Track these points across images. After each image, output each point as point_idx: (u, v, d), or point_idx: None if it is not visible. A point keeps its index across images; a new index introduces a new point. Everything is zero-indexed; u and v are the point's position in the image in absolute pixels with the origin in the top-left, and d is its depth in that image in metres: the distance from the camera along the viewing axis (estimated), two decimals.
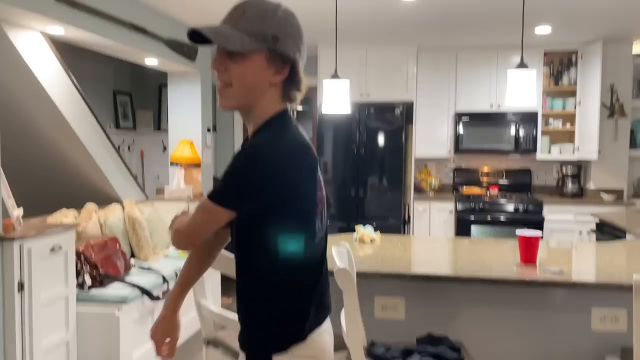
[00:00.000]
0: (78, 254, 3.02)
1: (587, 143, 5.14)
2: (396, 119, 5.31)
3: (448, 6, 3.97)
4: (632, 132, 5.39)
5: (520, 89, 2.36)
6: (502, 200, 5.15)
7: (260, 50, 1.16)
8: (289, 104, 1.23)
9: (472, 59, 5.39)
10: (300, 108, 6.59)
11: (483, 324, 2.24)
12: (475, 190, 5.45)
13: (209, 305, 1.97)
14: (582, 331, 2.15)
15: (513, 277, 2.00)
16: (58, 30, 3.27)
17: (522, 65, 2.45)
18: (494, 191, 5.47)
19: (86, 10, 3.25)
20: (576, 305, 2.16)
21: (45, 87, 3.45)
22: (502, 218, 5.08)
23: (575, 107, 5.27)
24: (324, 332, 1.22)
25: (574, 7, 3.98)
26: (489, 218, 5.10)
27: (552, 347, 2.18)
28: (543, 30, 4.66)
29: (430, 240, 3.58)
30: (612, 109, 5.14)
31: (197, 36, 1.15)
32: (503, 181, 5.60)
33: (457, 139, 5.41)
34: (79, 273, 3.02)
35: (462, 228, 5.13)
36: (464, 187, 5.58)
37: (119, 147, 5.48)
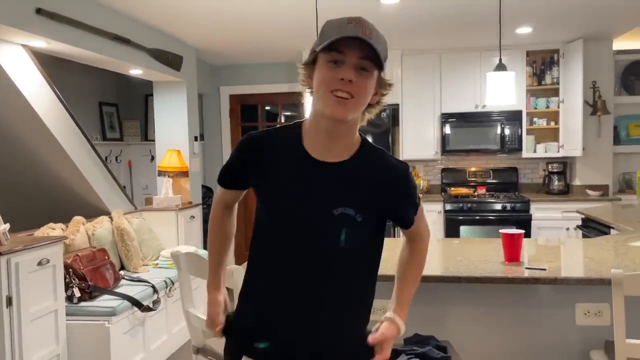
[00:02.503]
0: (66, 267, 3.01)
1: (571, 140, 5.21)
2: (383, 122, 5.35)
3: (428, 9, 4.01)
4: (615, 128, 5.46)
5: (500, 90, 2.40)
6: (490, 200, 5.20)
7: (376, 71, 1.26)
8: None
9: (456, 60, 5.44)
10: (287, 113, 6.63)
11: (470, 322, 2.26)
12: (463, 190, 5.49)
13: (198, 313, 1.98)
14: (567, 326, 2.18)
15: (497, 274, 2.03)
16: (40, 43, 3.28)
17: (500, 67, 2.48)
18: (482, 191, 5.52)
19: (68, 23, 3.26)
20: (560, 301, 2.19)
21: (30, 100, 3.44)
22: (491, 217, 5.12)
23: (558, 105, 5.33)
24: None
25: (553, 8, 4.04)
26: (477, 218, 5.14)
27: (538, 343, 2.21)
28: (524, 30, 4.72)
29: None
30: (594, 106, 5.22)
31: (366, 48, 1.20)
32: (490, 180, 5.65)
33: (444, 139, 5.45)
34: (67, 286, 3.01)
35: (451, 228, 5.17)
36: (452, 187, 5.62)
37: (106, 158, 5.46)
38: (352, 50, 1.20)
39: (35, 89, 3.52)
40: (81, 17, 3.38)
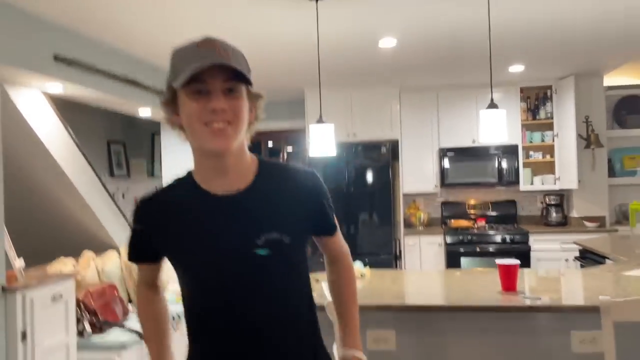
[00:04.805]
0: (77, 302, 3.11)
1: (567, 173, 5.34)
2: (383, 157, 5.50)
3: (424, 50, 4.21)
4: (609, 161, 5.60)
5: (492, 128, 2.54)
6: (490, 232, 5.29)
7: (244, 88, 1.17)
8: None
9: (453, 97, 5.63)
10: (290, 149, 6.79)
11: (469, 351, 2.34)
12: (463, 222, 5.59)
13: None
14: (564, 354, 2.25)
15: (493, 304, 2.12)
16: (57, 87, 3.45)
17: (492, 105, 2.64)
18: (482, 223, 5.61)
19: (83, 67, 3.44)
20: (557, 329, 2.27)
21: (44, 141, 3.60)
22: (491, 249, 5.21)
23: (553, 139, 5.49)
24: None
25: (543, 47, 4.23)
26: (477, 249, 5.22)
27: None
28: (516, 68, 4.92)
29: (418, 273, 3.70)
30: (588, 139, 5.37)
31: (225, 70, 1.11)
32: (490, 213, 5.75)
33: (443, 173, 5.58)
34: (78, 321, 3.10)
35: (452, 260, 5.25)
36: (452, 220, 5.72)
37: (113, 195, 5.60)
38: (213, 77, 1.10)
39: (51, 131, 3.68)
40: (94, 61, 3.57)
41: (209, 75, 1.10)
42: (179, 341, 3.69)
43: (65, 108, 4.34)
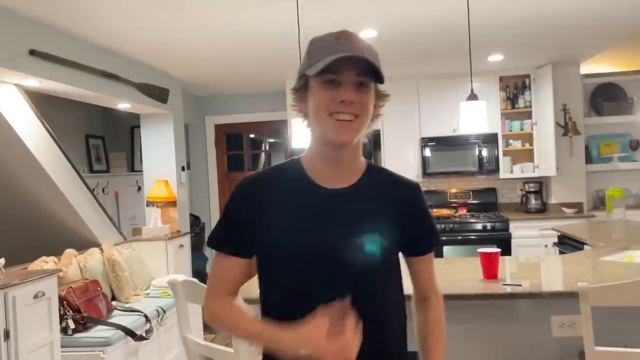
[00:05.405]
0: (60, 299, 3.07)
1: (545, 161, 5.43)
2: (365, 147, 5.48)
3: (404, 40, 4.22)
4: (587, 148, 5.71)
5: (472, 119, 2.58)
6: (471, 220, 5.37)
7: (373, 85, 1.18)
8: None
9: (433, 86, 5.66)
10: (272, 140, 6.78)
11: (452, 338, 2.37)
12: (444, 211, 5.65)
13: (195, 338, 2.07)
14: (544, 338, 2.31)
15: (475, 291, 2.17)
16: (33, 83, 3.39)
17: (472, 97, 2.67)
18: (463, 211, 5.69)
19: (60, 62, 3.38)
20: (537, 314, 2.32)
21: (22, 137, 3.54)
22: (473, 237, 5.28)
23: (532, 128, 5.56)
24: None
25: (521, 37, 4.28)
26: (459, 238, 5.29)
27: (516, 356, 2.34)
28: (496, 58, 4.97)
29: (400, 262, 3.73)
30: (566, 127, 5.46)
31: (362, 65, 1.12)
32: (471, 201, 5.83)
33: (425, 163, 5.63)
34: (62, 318, 3.07)
35: (435, 249, 5.30)
36: (434, 209, 5.78)
37: (93, 190, 5.53)
38: (348, 69, 1.11)
39: (28, 126, 3.62)
40: (71, 55, 3.51)
41: (343, 67, 1.11)
42: (163, 337, 3.67)
43: (42, 102, 4.26)
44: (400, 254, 1.32)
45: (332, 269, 1.15)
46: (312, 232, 1.16)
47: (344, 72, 1.11)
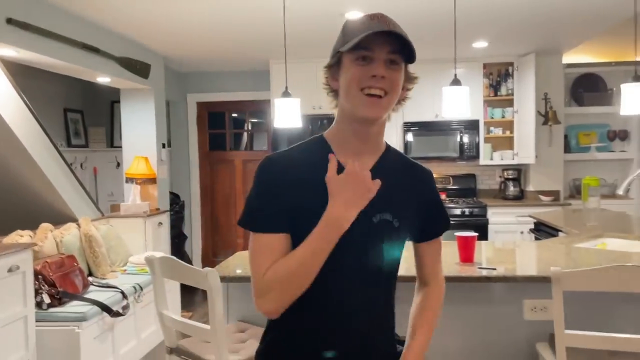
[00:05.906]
0: (36, 274, 3.04)
1: (525, 148, 5.49)
2: None
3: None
4: (565, 137, 5.79)
5: (455, 104, 2.59)
6: (451, 205, 5.42)
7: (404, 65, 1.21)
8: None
9: (417, 71, 5.50)
10: (254, 120, 6.73)
11: None
12: None
13: (171, 314, 2.07)
14: (516, 321, 2.36)
15: (451, 274, 2.20)
16: (10, 52, 3.30)
17: (455, 82, 2.67)
18: (443, 196, 5.74)
19: (38, 32, 3.29)
20: (510, 298, 2.37)
21: None
22: (451, 222, 5.31)
23: (513, 115, 5.62)
24: None
25: (505, 24, 4.29)
26: None
27: (489, 338, 2.39)
28: (480, 44, 4.98)
29: None
30: (546, 116, 5.52)
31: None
32: (451, 186, 5.89)
33: (406, 147, 5.66)
34: (37, 292, 3.04)
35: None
36: None
37: (71, 164, 5.44)
38: (380, 46, 1.15)
39: (3, 96, 3.53)
40: (51, 26, 3.42)
41: (376, 44, 1.14)
42: (140, 314, 3.67)
43: (19, 73, 4.16)
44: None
45: (364, 237, 1.21)
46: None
47: (377, 48, 1.15)
